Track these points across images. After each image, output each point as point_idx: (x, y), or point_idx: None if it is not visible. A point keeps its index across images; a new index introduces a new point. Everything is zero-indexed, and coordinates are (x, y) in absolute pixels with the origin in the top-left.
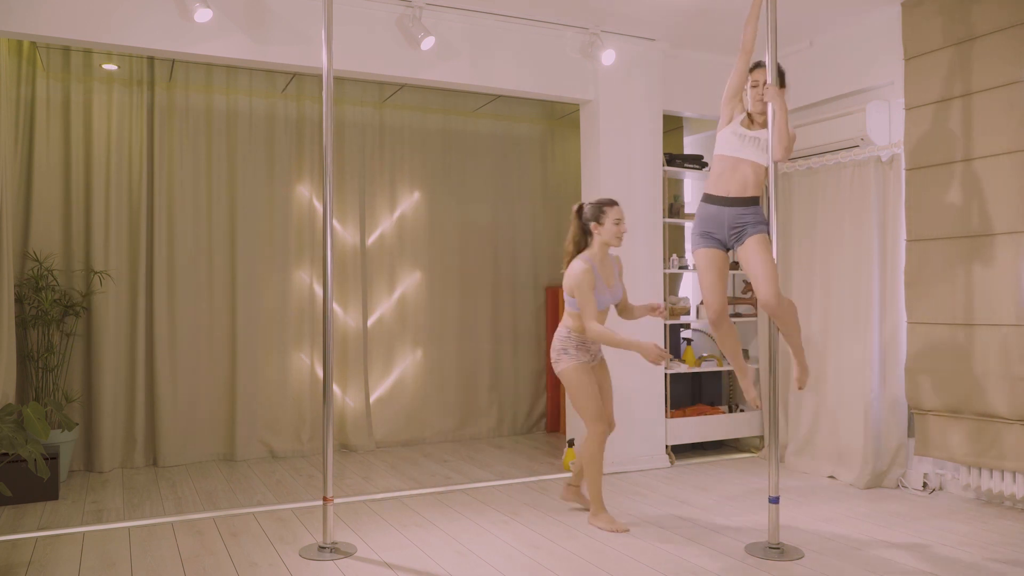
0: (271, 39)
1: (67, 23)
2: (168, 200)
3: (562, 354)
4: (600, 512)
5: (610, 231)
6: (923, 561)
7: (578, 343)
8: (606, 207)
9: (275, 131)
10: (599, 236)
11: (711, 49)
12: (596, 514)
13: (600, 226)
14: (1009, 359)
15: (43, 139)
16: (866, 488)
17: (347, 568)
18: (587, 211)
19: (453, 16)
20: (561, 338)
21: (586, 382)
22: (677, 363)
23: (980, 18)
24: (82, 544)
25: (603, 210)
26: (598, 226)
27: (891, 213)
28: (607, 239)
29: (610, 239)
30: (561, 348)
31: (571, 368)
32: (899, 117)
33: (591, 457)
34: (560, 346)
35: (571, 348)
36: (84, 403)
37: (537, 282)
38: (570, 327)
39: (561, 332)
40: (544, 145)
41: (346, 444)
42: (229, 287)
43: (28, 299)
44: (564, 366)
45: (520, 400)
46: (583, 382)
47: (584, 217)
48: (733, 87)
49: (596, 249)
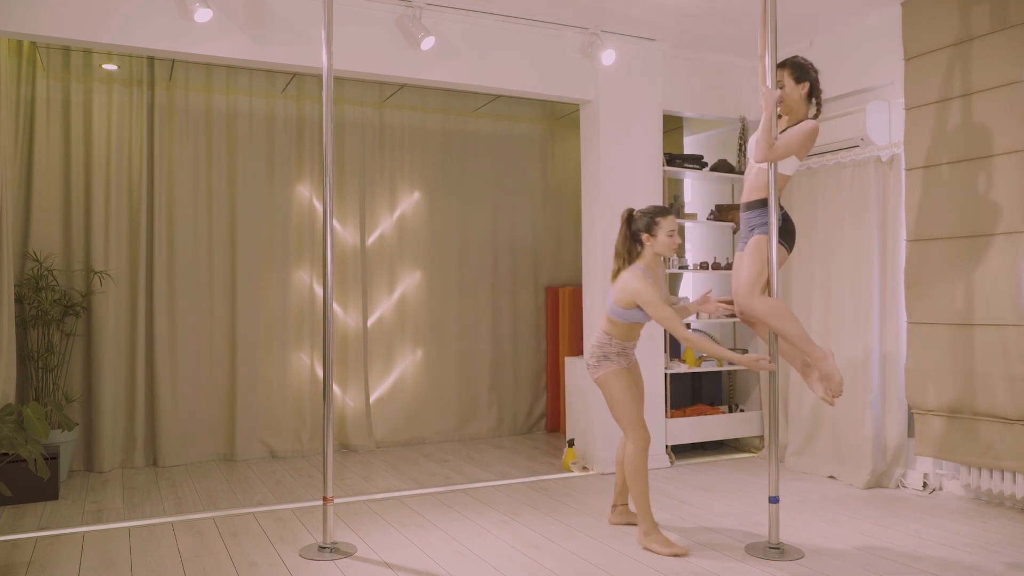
0: (271, 39)
1: (67, 23)
2: (168, 200)
3: (603, 360)
4: (652, 531)
5: (664, 244)
6: (923, 561)
7: (620, 349)
8: (659, 218)
9: (275, 131)
10: (651, 248)
11: (711, 49)
12: (648, 533)
13: (653, 238)
14: (1009, 359)
15: (43, 139)
16: (866, 488)
17: (347, 568)
18: (638, 221)
19: (453, 16)
20: (601, 344)
21: (627, 388)
22: (677, 363)
23: (980, 18)
24: (82, 544)
25: (656, 221)
26: (651, 238)
27: (891, 213)
28: (661, 251)
29: (665, 251)
30: (602, 354)
31: (611, 374)
32: (899, 117)
33: (636, 470)
34: (600, 352)
35: (612, 355)
36: (84, 403)
37: (537, 282)
38: (611, 333)
39: (601, 338)
40: (544, 145)
41: (346, 444)
42: (229, 287)
43: (28, 299)
44: (604, 372)
45: (520, 400)
46: (624, 388)
47: (635, 227)
48: None
49: (649, 260)
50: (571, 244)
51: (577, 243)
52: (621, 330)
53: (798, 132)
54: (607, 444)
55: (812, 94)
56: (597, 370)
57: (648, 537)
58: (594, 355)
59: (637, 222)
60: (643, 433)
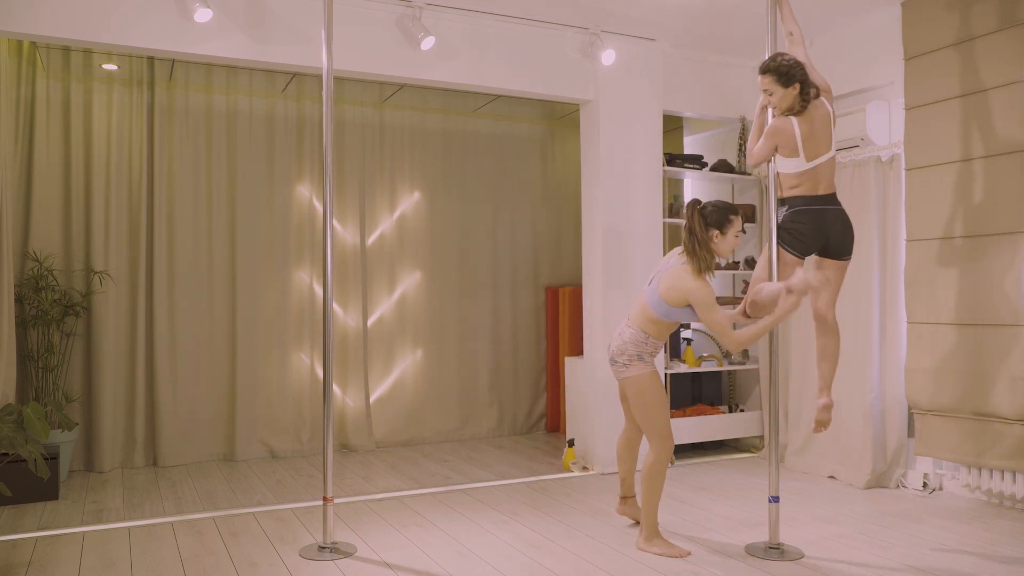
0: (271, 39)
1: (67, 23)
2: (168, 200)
3: (635, 359)
4: (654, 537)
5: (730, 243)
6: (923, 561)
7: (654, 349)
8: (732, 216)
9: (275, 131)
10: (715, 245)
11: (711, 49)
12: (649, 539)
13: (723, 236)
14: (1009, 359)
15: (43, 139)
16: (866, 488)
17: (347, 568)
18: (711, 215)
19: (453, 16)
20: (637, 342)
21: (660, 392)
22: (677, 363)
23: (980, 18)
24: (82, 544)
25: (729, 219)
26: (720, 235)
27: (891, 213)
28: (721, 250)
29: (724, 253)
30: (635, 353)
31: (646, 375)
32: (899, 117)
33: (655, 476)
34: (635, 351)
35: (646, 355)
36: (84, 403)
37: (537, 282)
38: (649, 332)
39: (637, 336)
40: (544, 145)
41: (346, 444)
42: (229, 287)
43: (28, 299)
44: (637, 372)
45: (520, 400)
46: (658, 392)
47: (707, 220)
48: None
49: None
50: (571, 244)
51: (577, 243)
52: (661, 329)
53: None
54: (607, 444)
55: (803, 91)
56: (629, 369)
57: (650, 543)
58: (626, 353)
59: (709, 216)
60: (670, 443)
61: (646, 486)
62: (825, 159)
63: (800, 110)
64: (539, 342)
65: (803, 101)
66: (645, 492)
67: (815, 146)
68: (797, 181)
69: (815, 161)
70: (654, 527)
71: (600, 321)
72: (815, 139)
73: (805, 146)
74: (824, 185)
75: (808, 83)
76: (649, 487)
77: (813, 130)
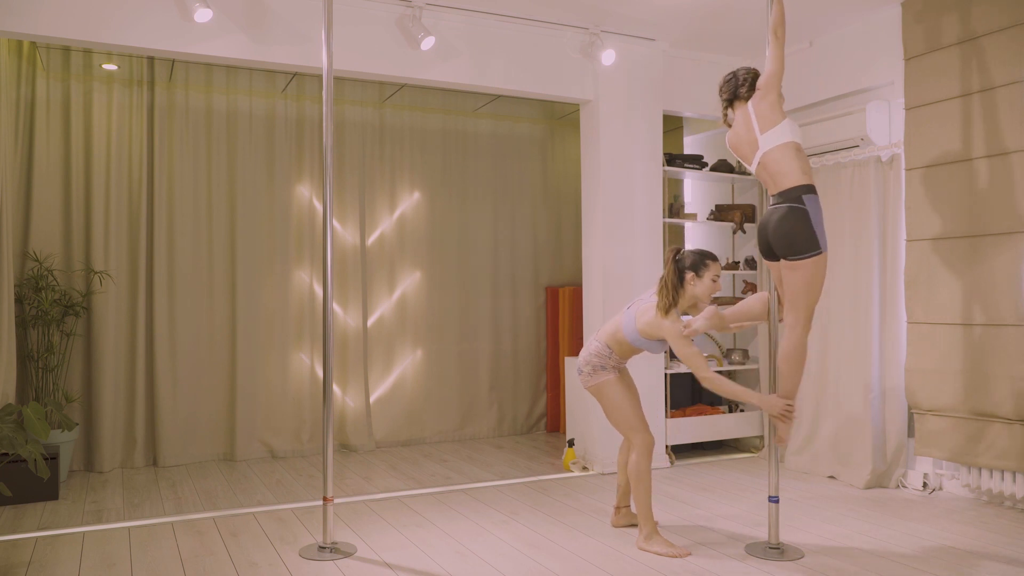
0: (271, 39)
1: (67, 23)
2: (168, 200)
3: (599, 370)
4: (652, 535)
5: (707, 288)
6: (923, 561)
7: (617, 362)
8: (709, 261)
9: (275, 131)
10: (692, 289)
11: (711, 49)
12: (648, 537)
13: (699, 279)
14: (1009, 359)
15: (43, 139)
16: (866, 488)
17: (347, 568)
18: (687, 258)
19: (453, 16)
20: (601, 355)
21: (624, 393)
22: (677, 363)
23: (980, 18)
24: (82, 544)
25: (706, 263)
26: (696, 278)
27: (891, 213)
28: (700, 295)
29: (704, 296)
30: (599, 364)
31: (608, 382)
32: (899, 117)
33: (640, 474)
34: (599, 363)
35: (609, 366)
36: (84, 403)
37: (537, 282)
38: (614, 349)
39: (601, 350)
40: (544, 145)
41: (346, 444)
42: (229, 287)
43: (28, 299)
44: (599, 380)
45: (520, 400)
46: (622, 393)
47: (681, 264)
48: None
49: (684, 302)
50: (571, 244)
51: (577, 243)
52: (627, 350)
53: None
54: (607, 444)
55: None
56: (591, 379)
57: (648, 541)
58: (590, 363)
59: (686, 260)
60: (646, 436)
61: (634, 485)
62: (758, 160)
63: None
64: (539, 342)
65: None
66: (635, 491)
67: (745, 153)
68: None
69: (753, 165)
70: (652, 526)
71: (600, 321)
72: (742, 144)
73: (739, 155)
74: (773, 184)
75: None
76: (636, 485)
77: (738, 137)
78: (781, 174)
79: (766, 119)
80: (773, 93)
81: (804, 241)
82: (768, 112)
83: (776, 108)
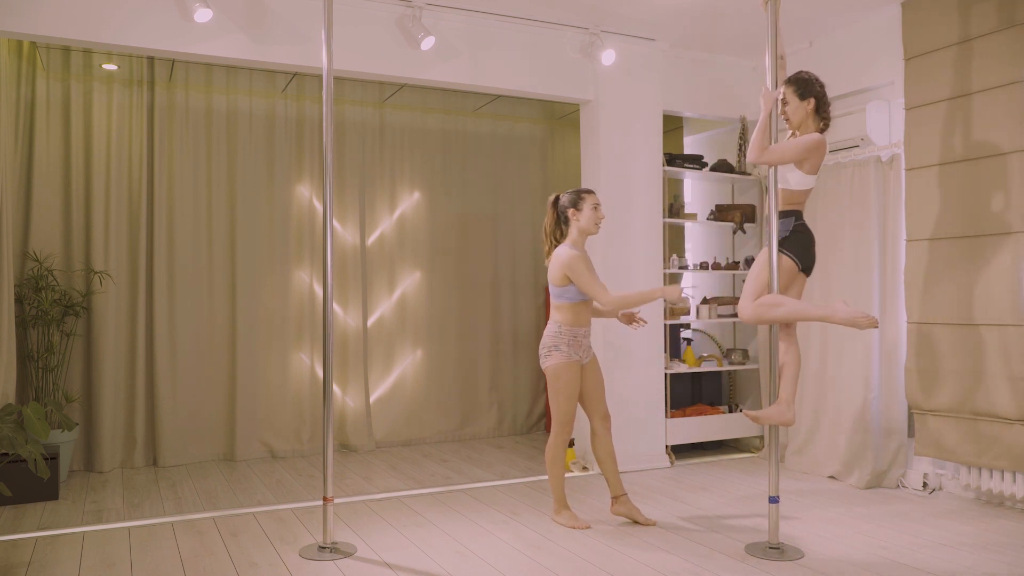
0: (271, 39)
1: (67, 23)
2: (168, 200)
3: (552, 351)
4: (562, 509)
5: (588, 217)
6: (923, 561)
7: (570, 339)
8: (584, 194)
9: (275, 131)
10: (576, 223)
11: (711, 49)
12: (558, 511)
13: (578, 212)
14: (1009, 359)
15: (43, 139)
16: (866, 488)
17: (347, 568)
18: (564, 199)
19: (453, 16)
20: (552, 334)
21: (571, 383)
22: (677, 363)
23: (980, 18)
24: (82, 544)
25: (581, 196)
26: (576, 212)
27: (891, 213)
28: (585, 225)
29: (588, 225)
30: (552, 344)
31: (561, 365)
32: (899, 117)
33: (553, 459)
34: (551, 343)
35: (563, 345)
36: (84, 403)
37: (537, 282)
38: (560, 322)
39: (551, 328)
40: (544, 145)
41: (346, 444)
42: (229, 287)
43: (28, 299)
44: (553, 362)
45: (520, 400)
46: (568, 382)
47: (560, 205)
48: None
49: (576, 236)
50: None
51: None
52: (566, 314)
53: (800, 141)
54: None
55: (819, 109)
56: (547, 359)
57: (559, 515)
58: (545, 345)
59: (563, 201)
60: (568, 431)
61: (549, 465)
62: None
63: (823, 127)
64: (539, 342)
65: (821, 119)
66: (549, 470)
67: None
68: (802, 197)
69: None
70: (560, 500)
71: (599, 321)
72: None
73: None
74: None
75: (824, 103)
76: (551, 465)
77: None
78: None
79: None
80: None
81: None
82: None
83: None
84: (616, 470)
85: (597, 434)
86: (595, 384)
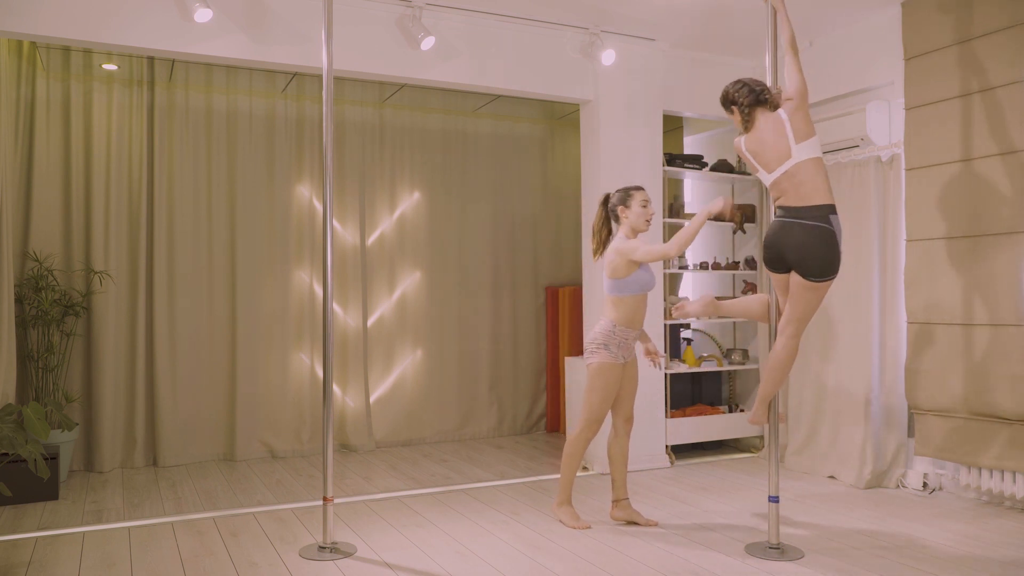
0: (271, 39)
1: (67, 23)
2: (168, 200)
3: (600, 348)
4: (564, 504)
5: (638, 214)
6: (923, 561)
7: (621, 340)
8: (633, 191)
9: (275, 131)
10: (626, 220)
11: (711, 49)
12: (560, 504)
13: (627, 209)
14: (1009, 359)
15: (43, 139)
16: (866, 488)
17: (347, 568)
18: (613, 198)
19: (453, 16)
20: (604, 332)
21: (611, 384)
22: (677, 363)
23: (980, 18)
24: (82, 544)
25: (630, 194)
26: (625, 210)
27: (891, 213)
28: (635, 223)
29: (638, 222)
30: (602, 342)
31: (606, 365)
32: (899, 117)
33: (572, 455)
34: (601, 340)
35: (612, 345)
36: (84, 403)
37: (537, 282)
38: (615, 320)
39: (604, 325)
40: (544, 145)
41: (346, 444)
42: (229, 287)
43: (28, 299)
44: (598, 360)
45: (520, 400)
46: (608, 383)
47: (610, 204)
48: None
49: (627, 233)
50: (571, 244)
51: (577, 243)
52: (624, 311)
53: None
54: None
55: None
56: (593, 356)
57: (560, 509)
58: (595, 341)
59: (612, 199)
60: (595, 430)
61: (566, 458)
62: (785, 169)
63: (743, 130)
64: (539, 342)
65: (744, 121)
66: (564, 463)
67: (769, 159)
68: (774, 193)
69: (776, 173)
70: (566, 495)
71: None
72: (766, 153)
73: (758, 161)
74: (793, 196)
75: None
76: (568, 459)
77: (764, 145)
78: (813, 189)
79: (801, 131)
80: (807, 105)
81: (831, 264)
82: (803, 124)
83: (810, 122)
84: (625, 473)
85: (618, 434)
86: (630, 386)
